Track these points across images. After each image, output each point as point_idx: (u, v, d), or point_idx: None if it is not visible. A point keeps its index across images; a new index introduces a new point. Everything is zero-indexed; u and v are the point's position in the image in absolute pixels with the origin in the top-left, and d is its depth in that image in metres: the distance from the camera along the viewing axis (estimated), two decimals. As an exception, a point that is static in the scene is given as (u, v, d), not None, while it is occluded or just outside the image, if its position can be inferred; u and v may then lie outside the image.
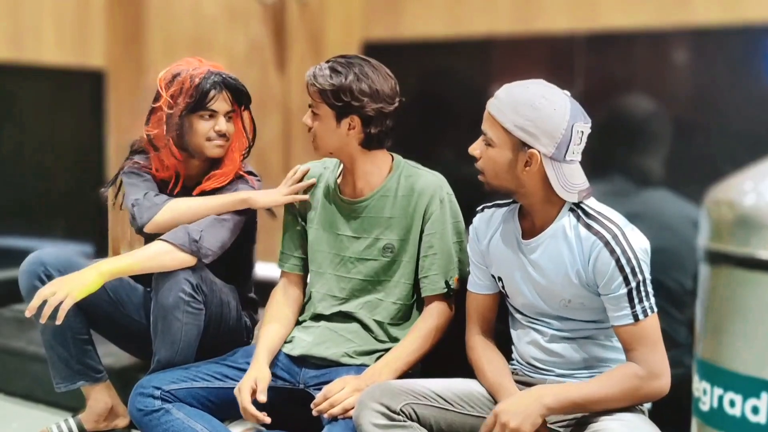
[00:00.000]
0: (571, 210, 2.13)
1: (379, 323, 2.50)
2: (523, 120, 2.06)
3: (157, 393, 2.43)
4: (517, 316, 2.29)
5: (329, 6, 3.91)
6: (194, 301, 2.49)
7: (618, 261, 2.04)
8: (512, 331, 2.33)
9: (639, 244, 2.07)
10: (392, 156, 2.55)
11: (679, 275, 2.61)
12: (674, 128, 2.72)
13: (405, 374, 2.40)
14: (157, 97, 2.62)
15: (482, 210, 2.33)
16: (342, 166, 2.56)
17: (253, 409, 2.32)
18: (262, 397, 2.34)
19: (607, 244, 2.06)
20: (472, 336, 2.31)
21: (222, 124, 2.61)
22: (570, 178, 2.10)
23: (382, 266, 2.49)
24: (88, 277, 2.43)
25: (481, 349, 2.28)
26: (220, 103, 2.60)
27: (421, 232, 2.47)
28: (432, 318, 2.45)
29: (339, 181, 2.57)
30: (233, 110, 2.65)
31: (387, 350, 2.45)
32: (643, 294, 2.04)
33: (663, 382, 2.04)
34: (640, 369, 2.04)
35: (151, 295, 2.54)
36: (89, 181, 2.76)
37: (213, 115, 2.61)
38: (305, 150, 4.04)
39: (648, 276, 2.06)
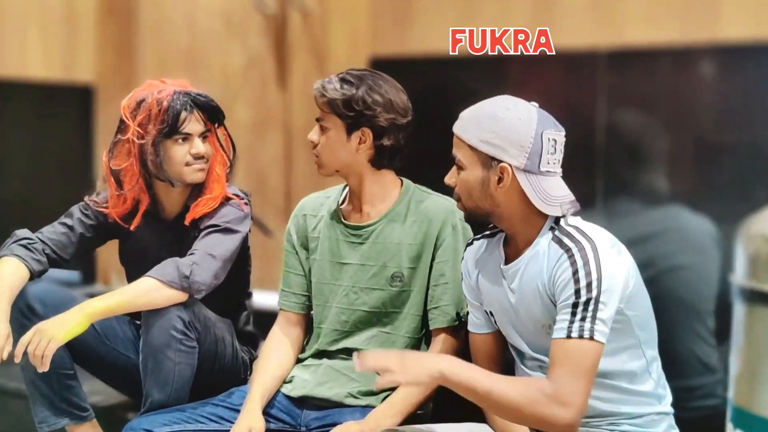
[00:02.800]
0: (551, 228, 2.11)
1: (387, 358, 2.47)
2: (486, 133, 2.07)
3: (148, 436, 2.40)
4: (516, 356, 2.27)
5: (334, 16, 3.92)
6: (187, 339, 2.46)
7: (576, 272, 2.01)
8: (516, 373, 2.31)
9: (610, 265, 2.02)
10: (401, 180, 2.55)
11: (705, 293, 2.60)
12: (701, 147, 2.72)
13: (413, 416, 2.37)
14: (123, 128, 2.60)
15: (471, 243, 2.33)
16: (346, 190, 2.55)
17: None
18: None
19: (571, 255, 2.03)
20: None
21: (198, 146, 2.60)
22: (549, 191, 2.09)
23: (390, 297, 2.47)
24: (72, 320, 2.42)
25: None
26: (193, 124, 2.59)
27: (432, 260, 2.46)
28: (441, 353, 2.42)
29: (343, 206, 2.56)
30: (207, 130, 2.63)
31: (394, 390, 2.41)
32: (589, 314, 1.98)
33: (567, 414, 1.94)
34: (549, 387, 1.96)
35: (140, 331, 2.51)
36: (78, 200, 2.74)
37: (187, 138, 2.59)
38: (308, 172, 4.04)
39: (604, 299, 1.99)
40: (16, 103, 4.27)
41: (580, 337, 1.98)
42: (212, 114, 2.64)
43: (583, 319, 1.98)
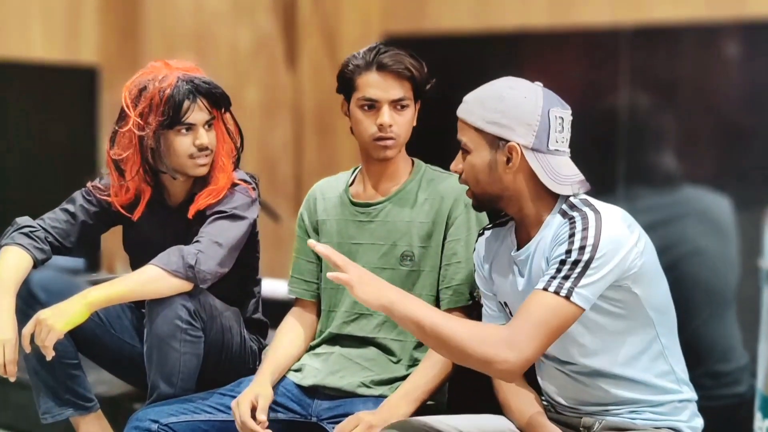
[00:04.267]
0: (561, 208, 2.12)
1: (402, 344, 2.48)
2: (492, 113, 2.09)
3: (155, 427, 2.41)
4: None
5: (345, -4, 3.90)
6: (192, 329, 2.46)
7: (573, 235, 2.01)
8: (536, 368, 2.31)
9: (612, 236, 2.01)
10: (413, 160, 2.57)
11: (728, 277, 2.59)
12: (726, 129, 2.71)
13: (428, 407, 2.37)
14: (123, 116, 2.58)
15: (482, 233, 2.34)
16: (357, 171, 2.58)
17: (252, 424, 2.31)
18: (262, 416, 2.32)
19: (572, 222, 2.04)
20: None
21: (203, 136, 2.57)
22: (558, 170, 2.10)
23: (400, 277, 2.48)
24: (72, 309, 2.42)
25: (507, 385, 2.26)
26: (197, 113, 2.56)
27: (444, 239, 2.46)
28: None
29: (352, 187, 2.58)
30: (212, 117, 2.61)
31: (406, 378, 2.42)
32: (574, 274, 1.98)
33: (512, 356, 1.93)
34: (505, 330, 1.97)
35: (144, 321, 2.51)
36: (81, 186, 2.74)
37: (191, 128, 2.56)
38: (319, 156, 4.03)
39: (594, 266, 1.98)
40: (18, 85, 4.27)
41: (556, 293, 1.98)
42: (217, 101, 2.60)
43: (565, 277, 1.98)
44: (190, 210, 2.60)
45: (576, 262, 1.98)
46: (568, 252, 2.00)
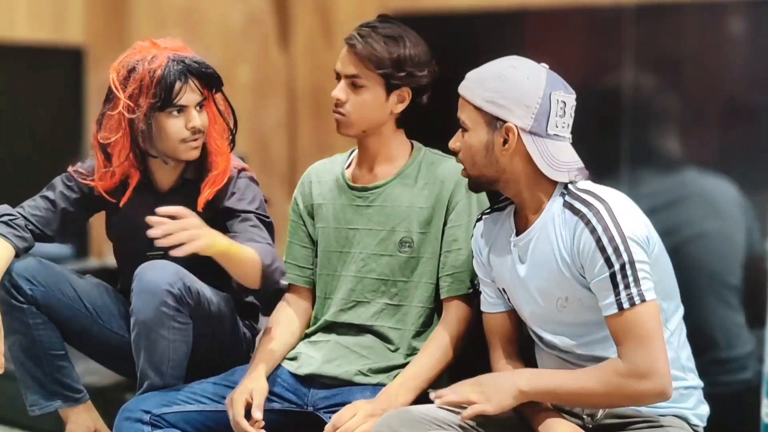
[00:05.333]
0: (561, 194, 2.12)
1: (400, 332, 2.48)
2: (491, 93, 2.10)
3: (146, 417, 2.41)
4: (534, 338, 2.28)
5: (339, -28, 3.88)
6: (180, 315, 2.45)
7: (599, 241, 2.02)
8: (536, 356, 2.32)
9: (628, 221, 2.03)
10: (412, 143, 2.56)
11: (733, 261, 2.59)
12: (733, 108, 2.70)
13: (426, 395, 2.36)
14: (112, 99, 2.55)
15: (480, 218, 2.34)
16: (354, 154, 2.57)
17: (245, 424, 2.31)
18: (258, 414, 2.32)
19: (588, 222, 2.04)
20: (496, 363, 2.30)
21: (195, 118, 2.55)
22: (556, 155, 2.10)
23: (399, 264, 2.47)
24: (216, 243, 2.33)
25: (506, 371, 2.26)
26: (189, 95, 2.53)
27: (444, 224, 2.46)
28: (453, 324, 2.43)
29: (348, 170, 2.57)
30: (204, 98, 2.59)
31: (406, 366, 2.42)
32: (630, 279, 2.00)
33: (652, 385, 2.00)
34: (623, 366, 2.01)
35: (129, 309, 2.50)
36: (67, 169, 2.72)
37: (182, 110, 2.54)
38: (313, 138, 4.03)
39: (638, 258, 2.01)
40: (1, 65, 4.25)
41: (632, 305, 2.00)
42: (209, 81, 2.58)
43: (627, 287, 2.00)
44: (198, 202, 2.56)
45: (623, 267, 2.00)
46: (608, 262, 2.01)
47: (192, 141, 2.56)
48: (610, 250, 2.01)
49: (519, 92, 2.08)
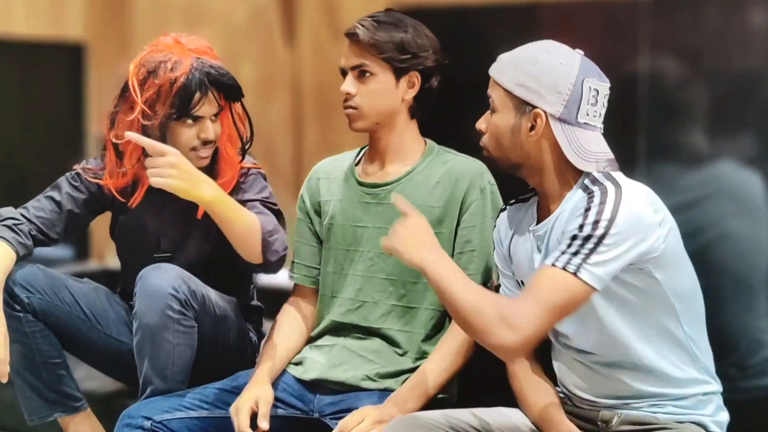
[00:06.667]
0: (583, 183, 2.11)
1: (409, 335, 2.48)
2: (523, 76, 2.10)
3: (148, 424, 2.41)
4: (551, 336, 2.26)
5: (346, -35, 3.89)
6: (184, 318, 2.45)
7: (588, 209, 1.99)
8: (552, 358, 2.31)
9: (631, 213, 1.99)
10: (425, 140, 2.57)
11: (758, 262, 2.58)
12: (754, 101, 2.69)
13: (437, 400, 2.38)
14: (127, 98, 2.55)
15: (504, 209, 2.34)
16: (364, 150, 2.59)
17: None
18: (264, 425, 2.33)
19: (591, 195, 2.02)
20: (512, 362, 2.28)
21: (208, 130, 2.55)
22: (585, 145, 2.09)
23: (407, 265, 2.46)
24: (201, 189, 2.40)
25: (523, 376, 2.26)
26: (206, 107, 2.53)
27: (457, 225, 2.46)
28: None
29: (358, 166, 2.58)
30: (221, 108, 2.59)
31: (415, 370, 2.42)
32: (585, 250, 1.96)
33: (510, 337, 1.92)
34: (507, 306, 1.95)
35: (132, 313, 2.50)
36: (67, 170, 2.72)
37: (197, 119, 2.54)
38: (319, 136, 4.03)
39: (610, 244, 1.96)
40: (0, 61, 4.26)
41: (563, 269, 1.96)
42: (228, 92, 2.58)
43: (575, 253, 1.97)
44: (199, 211, 2.57)
45: (588, 238, 1.97)
46: (581, 227, 1.98)
47: (202, 150, 2.56)
48: (590, 219, 1.97)
49: (551, 77, 2.08)
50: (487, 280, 2.43)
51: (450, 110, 2.57)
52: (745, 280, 2.61)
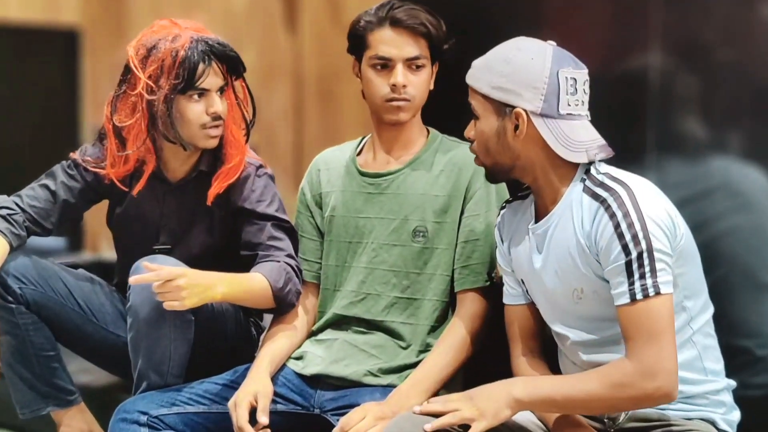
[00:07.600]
0: (581, 181, 2.12)
1: (412, 327, 2.48)
2: (497, 78, 2.12)
3: (143, 419, 2.41)
4: (555, 337, 2.28)
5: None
6: (181, 312, 2.44)
7: (618, 226, 2.01)
8: (558, 357, 2.32)
9: (651, 208, 2.02)
10: (428, 129, 2.58)
11: (765, 258, 2.58)
12: (762, 93, 2.69)
13: (438, 395, 2.36)
14: (128, 78, 2.54)
15: (504, 206, 2.35)
16: (365, 140, 2.59)
17: (250, 430, 2.32)
18: (264, 419, 2.33)
19: (608, 207, 2.04)
20: (516, 359, 2.30)
21: (217, 104, 2.54)
22: (572, 135, 2.10)
23: (412, 255, 2.48)
24: (209, 293, 2.43)
25: (527, 372, 2.26)
26: (212, 78, 2.53)
27: (461, 214, 2.46)
28: (468, 320, 2.43)
29: (359, 156, 2.59)
30: (226, 83, 2.58)
31: (418, 364, 2.42)
32: (647, 268, 1.99)
33: (658, 384, 1.98)
34: (629, 364, 1.99)
35: (126, 307, 2.49)
36: (62, 158, 2.71)
37: (203, 93, 2.53)
38: (321, 126, 4.03)
39: (657, 247, 2.00)
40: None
41: (646, 296, 1.99)
42: (232, 65, 2.57)
43: (642, 276, 1.99)
44: (209, 196, 2.57)
45: (640, 256, 1.99)
46: (625, 249, 2.00)
47: (212, 128, 2.55)
48: (628, 237, 2.00)
49: (525, 74, 2.09)
50: (491, 270, 2.43)
51: (456, 99, 2.57)
52: (754, 273, 2.61)
